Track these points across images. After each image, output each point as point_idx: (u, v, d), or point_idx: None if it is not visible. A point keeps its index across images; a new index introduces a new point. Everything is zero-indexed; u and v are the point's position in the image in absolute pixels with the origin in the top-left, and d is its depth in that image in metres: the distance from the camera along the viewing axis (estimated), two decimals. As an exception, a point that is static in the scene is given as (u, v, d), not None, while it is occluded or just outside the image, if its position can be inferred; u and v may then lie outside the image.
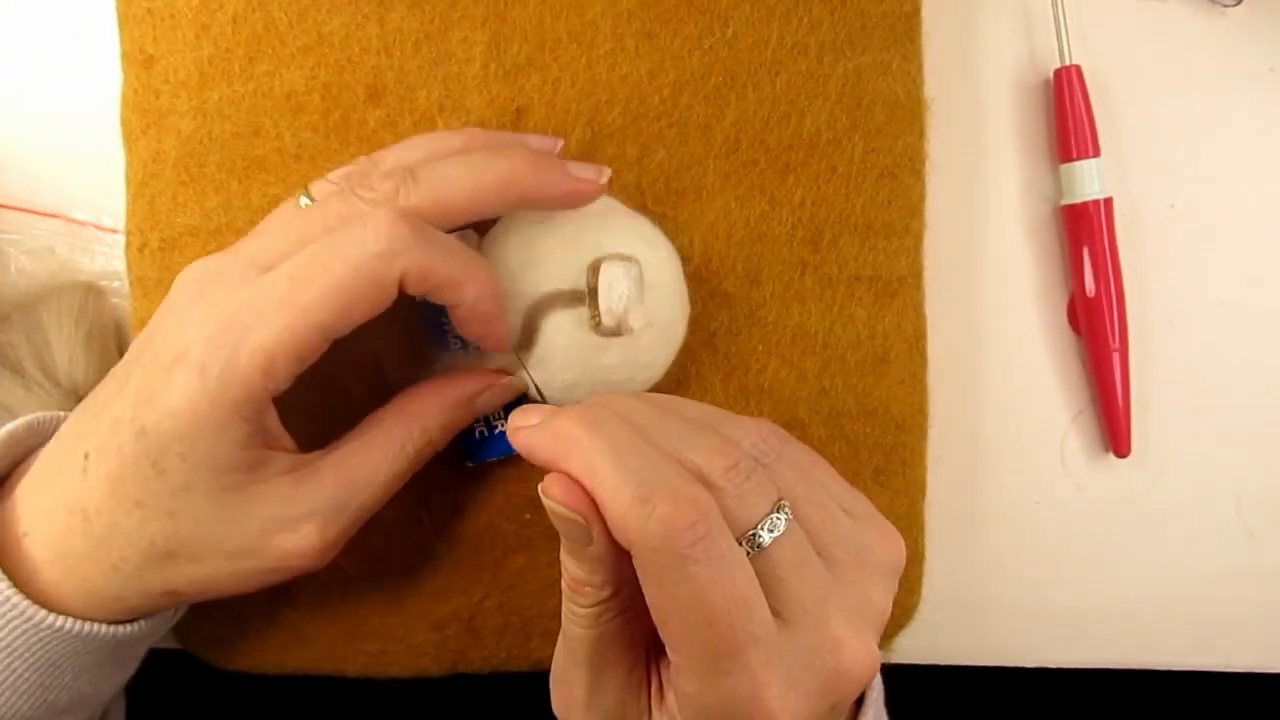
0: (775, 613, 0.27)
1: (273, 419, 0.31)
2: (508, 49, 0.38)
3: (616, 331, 0.34)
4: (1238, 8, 0.42)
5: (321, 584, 0.38)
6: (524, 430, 0.29)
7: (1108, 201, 0.41)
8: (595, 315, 0.34)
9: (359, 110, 0.38)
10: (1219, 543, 0.43)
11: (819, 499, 0.29)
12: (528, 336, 0.35)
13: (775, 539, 0.27)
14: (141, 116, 0.38)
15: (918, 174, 0.39)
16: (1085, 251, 0.41)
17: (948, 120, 0.41)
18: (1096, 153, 0.40)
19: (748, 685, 0.26)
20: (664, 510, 0.25)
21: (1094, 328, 0.41)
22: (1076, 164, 0.40)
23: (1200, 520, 0.43)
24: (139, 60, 0.37)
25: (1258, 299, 0.42)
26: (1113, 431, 0.41)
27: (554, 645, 0.38)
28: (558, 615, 0.31)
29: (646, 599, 0.27)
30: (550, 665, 0.35)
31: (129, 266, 0.38)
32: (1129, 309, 0.41)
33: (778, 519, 0.27)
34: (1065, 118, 0.41)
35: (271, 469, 0.31)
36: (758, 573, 0.27)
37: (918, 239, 0.39)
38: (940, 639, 0.43)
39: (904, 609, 0.41)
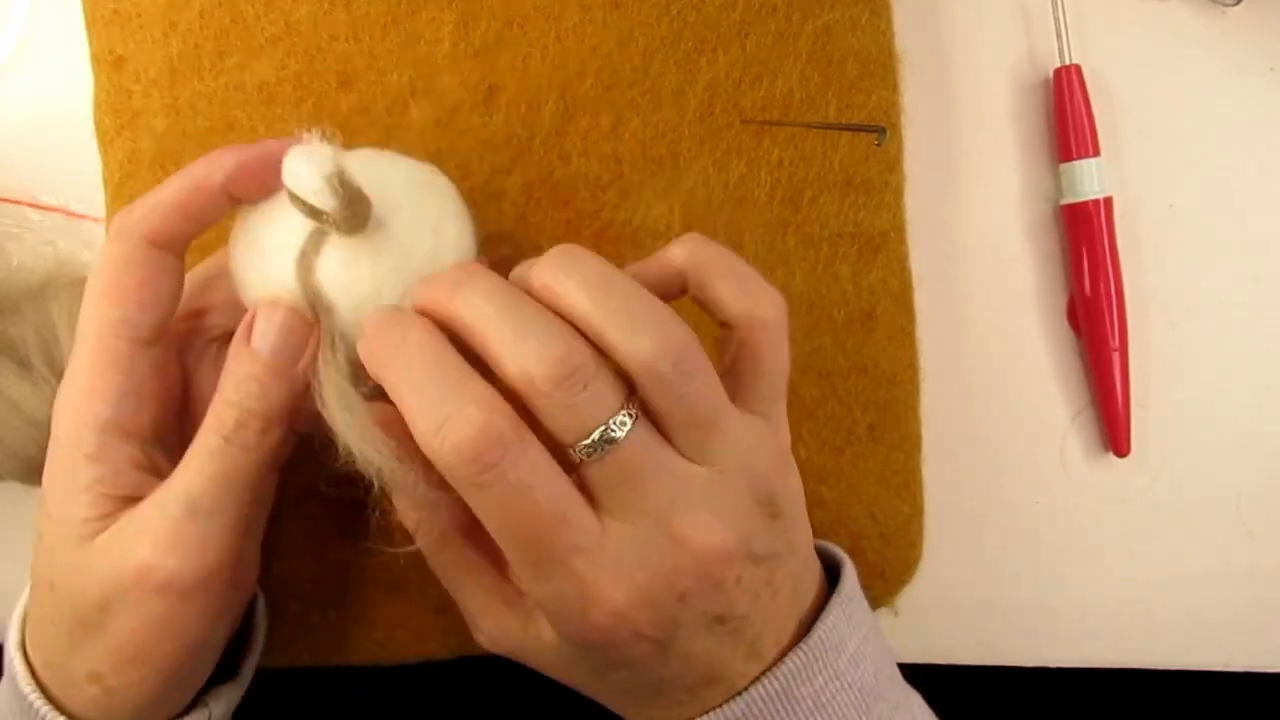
0: (612, 512, 0.27)
1: (130, 462, 0.30)
2: (476, 27, 0.38)
3: (355, 214, 0.29)
4: (1237, 7, 0.42)
5: (323, 574, 0.39)
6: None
7: (1107, 201, 0.41)
8: (323, 216, 0.29)
9: (331, 98, 0.38)
10: (1219, 543, 0.43)
11: (691, 401, 0.27)
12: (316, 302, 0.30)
13: (615, 446, 0.26)
14: (115, 117, 0.38)
15: (894, 127, 0.39)
16: (1085, 251, 0.41)
17: (947, 119, 0.41)
18: (1096, 152, 0.41)
19: (574, 586, 0.27)
20: (453, 440, 0.25)
21: (1094, 328, 0.41)
22: (1076, 163, 0.41)
23: (1200, 520, 0.42)
24: (109, 61, 0.38)
25: (1258, 299, 0.42)
26: (1112, 431, 0.41)
27: None
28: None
29: None
30: None
31: None
32: (1129, 309, 0.41)
33: (621, 423, 0.26)
34: (1065, 117, 0.41)
35: (118, 516, 0.30)
36: (598, 475, 0.27)
37: (898, 193, 0.39)
38: (940, 639, 0.43)
39: (906, 564, 0.41)
